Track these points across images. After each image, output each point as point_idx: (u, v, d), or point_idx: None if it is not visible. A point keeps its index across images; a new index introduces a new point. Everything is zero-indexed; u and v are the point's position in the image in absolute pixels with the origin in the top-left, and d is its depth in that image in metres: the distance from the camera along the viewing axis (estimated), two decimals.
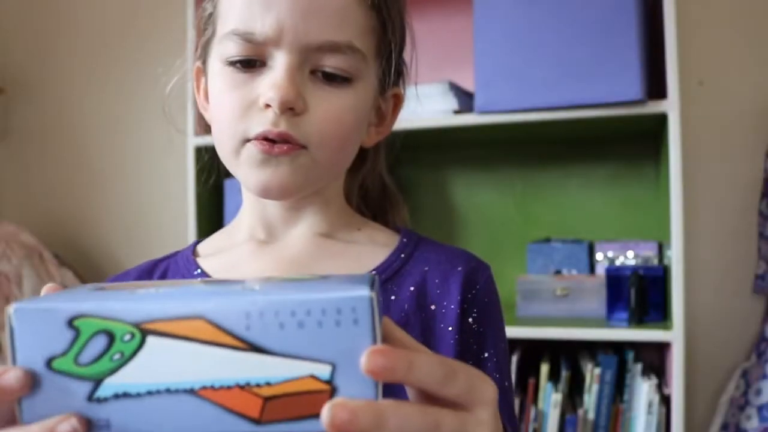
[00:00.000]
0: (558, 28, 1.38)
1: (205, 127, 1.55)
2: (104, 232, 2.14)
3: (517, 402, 1.48)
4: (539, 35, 1.39)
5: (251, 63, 0.56)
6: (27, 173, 2.22)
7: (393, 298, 0.60)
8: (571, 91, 1.37)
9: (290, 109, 0.54)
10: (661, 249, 1.58)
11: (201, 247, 0.67)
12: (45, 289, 0.41)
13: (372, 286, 0.33)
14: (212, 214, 1.71)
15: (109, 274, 2.10)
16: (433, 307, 0.60)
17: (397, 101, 0.66)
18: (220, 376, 0.32)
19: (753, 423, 1.46)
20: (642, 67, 1.34)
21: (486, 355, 0.60)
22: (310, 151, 0.56)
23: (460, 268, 0.61)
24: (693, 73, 1.65)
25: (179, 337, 0.32)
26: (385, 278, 0.61)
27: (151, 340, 0.32)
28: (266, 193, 0.58)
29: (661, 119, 1.40)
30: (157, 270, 0.65)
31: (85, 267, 2.09)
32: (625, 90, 1.34)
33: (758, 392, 1.48)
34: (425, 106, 1.50)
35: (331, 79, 0.56)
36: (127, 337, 0.32)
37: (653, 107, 1.36)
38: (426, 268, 0.62)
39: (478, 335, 0.60)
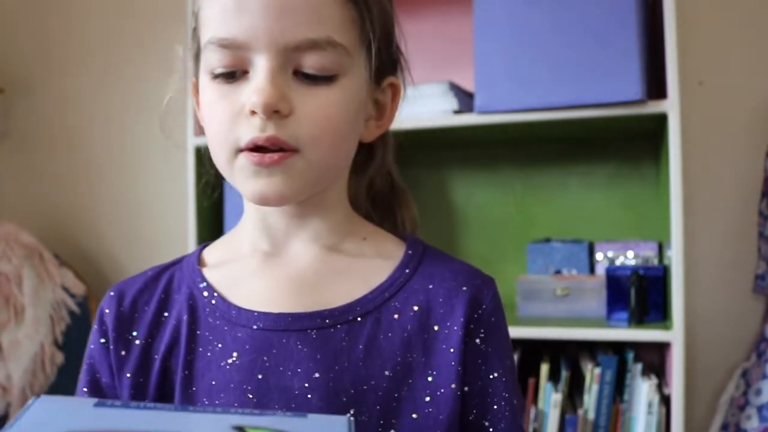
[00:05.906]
0: (558, 28, 1.38)
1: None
2: (104, 232, 2.14)
3: None
4: (539, 35, 1.39)
5: (233, 74, 0.55)
6: (27, 173, 2.22)
7: (396, 316, 0.59)
8: (571, 91, 1.37)
9: (276, 112, 0.54)
10: (661, 249, 1.58)
11: (207, 255, 0.66)
12: None
13: None
14: (212, 215, 1.71)
15: (109, 274, 2.11)
16: (436, 327, 0.59)
17: (395, 91, 0.65)
18: None
19: (753, 423, 1.46)
20: (642, 67, 1.34)
21: (495, 375, 0.60)
22: (303, 154, 0.55)
23: (465, 288, 0.60)
24: (693, 73, 1.65)
25: None
26: (389, 296, 0.60)
27: None
28: (264, 201, 0.57)
29: (661, 119, 1.40)
30: (162, 278, 0.64)
31: (85, 267, 2.09)
32: (625, 90, 1.34)
33: (758, 392, 1.48)
34: (425, 106, 1.50)
35: (315, 79, 0.55)
36: None
37: (653, 107, 1.36)
38: (430, 286, 0.61)
39: (485, 355, 0.60)
